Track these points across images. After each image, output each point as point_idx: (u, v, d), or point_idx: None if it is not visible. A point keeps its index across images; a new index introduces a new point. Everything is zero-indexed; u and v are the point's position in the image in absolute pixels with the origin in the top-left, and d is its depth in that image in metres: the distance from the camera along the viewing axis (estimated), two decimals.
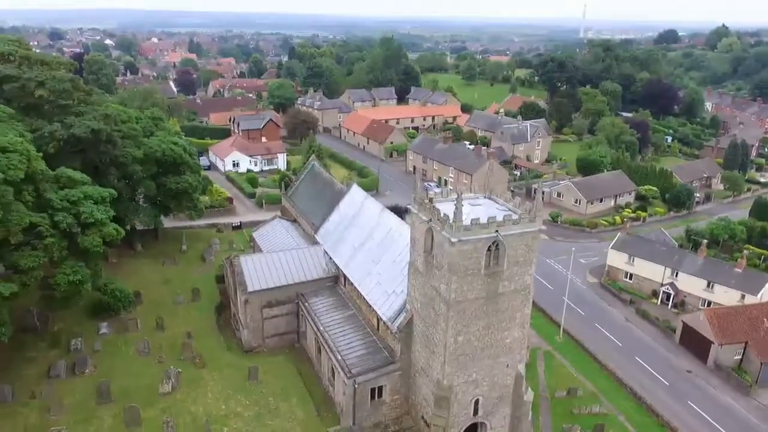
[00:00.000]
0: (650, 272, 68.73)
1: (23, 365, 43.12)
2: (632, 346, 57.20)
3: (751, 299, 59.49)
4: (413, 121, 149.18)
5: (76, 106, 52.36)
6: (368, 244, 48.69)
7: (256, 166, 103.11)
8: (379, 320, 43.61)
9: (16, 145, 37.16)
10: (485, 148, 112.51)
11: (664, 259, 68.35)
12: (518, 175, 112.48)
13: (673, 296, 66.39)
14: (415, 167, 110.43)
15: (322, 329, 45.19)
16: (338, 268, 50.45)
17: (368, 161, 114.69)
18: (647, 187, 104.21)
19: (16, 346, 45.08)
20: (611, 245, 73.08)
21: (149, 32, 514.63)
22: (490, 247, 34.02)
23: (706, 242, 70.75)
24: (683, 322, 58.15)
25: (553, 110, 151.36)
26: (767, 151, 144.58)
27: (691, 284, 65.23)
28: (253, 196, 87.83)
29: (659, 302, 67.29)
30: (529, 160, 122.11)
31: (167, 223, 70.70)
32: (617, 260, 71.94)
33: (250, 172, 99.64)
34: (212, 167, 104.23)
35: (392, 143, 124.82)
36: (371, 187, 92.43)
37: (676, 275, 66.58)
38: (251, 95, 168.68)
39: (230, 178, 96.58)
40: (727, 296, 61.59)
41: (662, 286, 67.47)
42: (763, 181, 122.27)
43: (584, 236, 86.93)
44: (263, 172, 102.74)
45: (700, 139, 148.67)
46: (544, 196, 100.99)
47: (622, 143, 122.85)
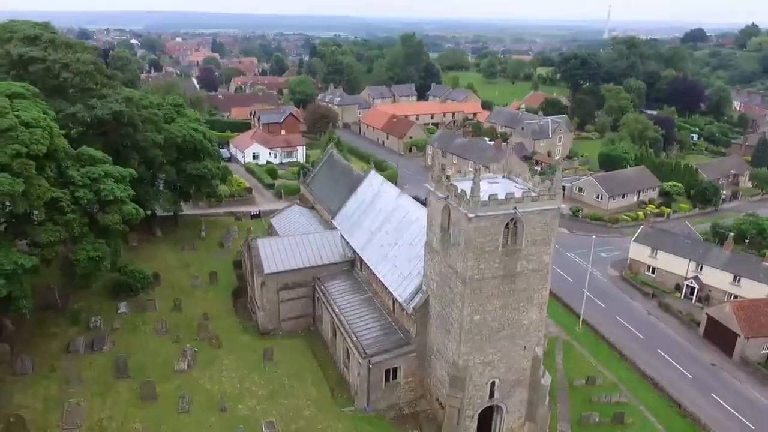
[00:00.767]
0: (674, 266, 67.11)
1: (44, 341, 43.78)
2: (654, 338, 55.85)
3: None
4: (433, 117, 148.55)
5: (98, 90, 53.11)
6: (385, 227, 48.39)
7: (275, 158, 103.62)
8: (394, 302, 43.27)
9: (39, 121, 37.74)
10: (505, 143, 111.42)
11: (688, 252, 66.69)
12: (539, 170, 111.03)
13: (697, 290, 64.74)
14: (434, 159, 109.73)
15: (337, 311, 45.01)
16: (355, 252, 50.27)
17: (387, 156, 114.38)
18: (672, 183, 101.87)
19: (37, 322, 45.83)
20: (633, 238, 71.64)
21: (173, 33, 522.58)
22: (508, 224, 33.43)
23: (732, 235, 68.82)
24: (708, 314, 56.59)
25: (575, 107, 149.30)
26: None
27: (716, 278, 63.48)
28: (272, 186, 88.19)
29: (682, 296, 65.70)
30: (550, 156, 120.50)
31: (186, 210, 71.34)
32: (639, 253, 70.45)
33: (269, 163, 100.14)
34: (232, 159, 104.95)
35: (411, 138, 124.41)
36: (390, 180, 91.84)
37: (700, 269, 64.91)
38: (272, 92, 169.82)
39: (250, 169, 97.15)
40: (754, 290, 59.70)
41: (686, 279, 65.84)
42: None
43: (605, 231, 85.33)
44: (283, 164, 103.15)
45: (727, 137, 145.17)
46: (564, 191, 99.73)
47: (646, 140, 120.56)
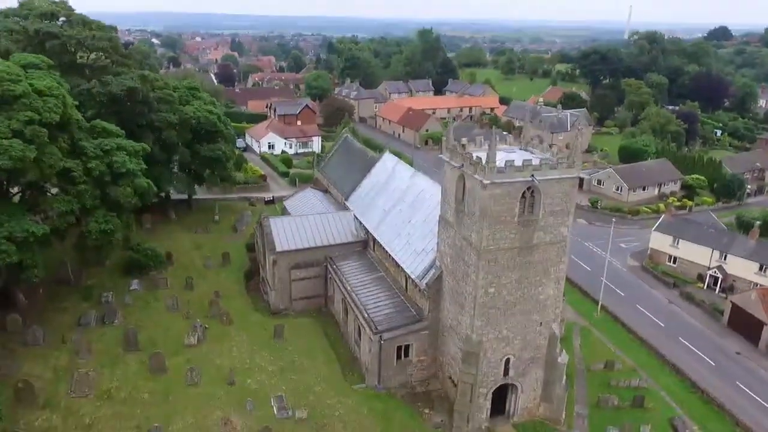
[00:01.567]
0: (696, 255, 65.11)
1: (55, 314, 43.71)
2: (675, 327, 54.11)
3: None
4: (449, 111, 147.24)
5: (114, 68, 53.17)
6: (399, 206, 47.58)
7: (291, 148, 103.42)
8: (407, 280, 42.41)
9: (53, 89, 37.67)
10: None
11: (711, 241, 64.66)
12: None
13: (720, 280, 62.70)
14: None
15: (349, 289, 44.29)
16: (368, 232, 49.55)
17: (403, 148, 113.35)
18: (694, 176, 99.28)
19: (49, 296, 45.92)
20: (654, 227, 69.77)
21: (193, 33, 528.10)
22: (524, 193, 32.40)
23: (759, 224, 66.62)
24: (732, 302, 54.70)
25: (595, 102, 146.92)
26: None
27: (741, 267, 61.35)
28: (286, 175, 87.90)
29: (705, 286, 63.68)
30: (568, 149, 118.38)
31: (200, 194, 71.44)
32: (661, 243, 68.54)
33: (284, 153, 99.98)
34: (248, 149, 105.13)
35: (428, 131, 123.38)
36: None
37: (724, 258, 62.86)
38: (289, 86, 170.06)
39: (265, 158, 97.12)
40: None
41: (709, 269, 63.80)
42: None
43: (625, 222, 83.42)
44: (298, 154, 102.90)
45: (752, 133, 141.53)
46: (582, 183, 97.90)
47: (667, 133, 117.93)
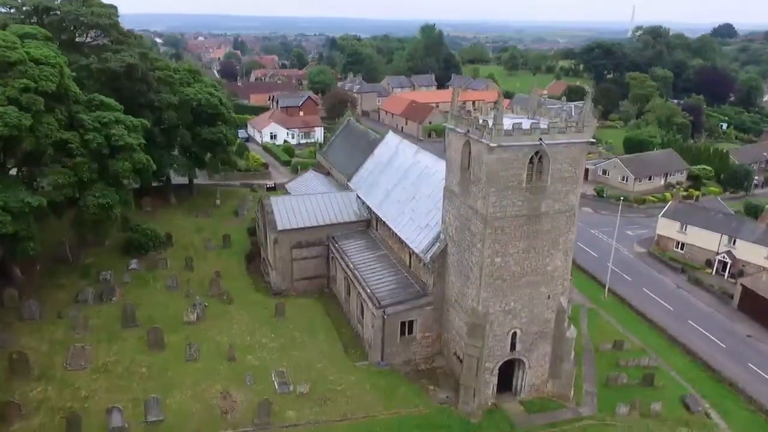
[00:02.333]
0: (705, 241, 64.03)
1: (52, 290, 42.95)
2: (685, 310, 53.05)
3: None
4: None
5: (113, 46, 52.45)
6: (402, 184, 46.70)
7: (293, 138, 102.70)
8: (411, 256, 41.49)
9: (49, 58, 36.94)
10: None
11: (720, 226, 63.61)
12: None
13: (729, 265, 61.58)
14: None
15: (352, 266, 43.37)
16: (371, 211, 48.67)
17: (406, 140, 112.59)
18: (701, 166, 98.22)
19: (47, 274, 45.17)
20: (662, 213, 68.76)
21: (196, 33, 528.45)
22: (532, 158, 31.46)
23: None
24: (743, 285, 53.63)
25: (599, 96, 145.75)
26: None
27: (750, 252, 60.18)
28: (288, 163, 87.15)
29: (714, 272, 62.53)
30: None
31: (201, 180, 70.74)
32: (668, 229, 67.48)
33: (287, 143, 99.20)
34: (250, 140, 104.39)
35: (431, 123, 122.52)
36: None
37: (733, 243, 61.76)
38: (292, 81, 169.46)
39: (267, 148, 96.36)
40: None
41: (717, 254, 62.70)
42: None
43: (631, 211, 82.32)
44: (300, 145, 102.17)
45: (758, 126, 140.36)
46: (587, 173, 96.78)
47: (673, 125, 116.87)
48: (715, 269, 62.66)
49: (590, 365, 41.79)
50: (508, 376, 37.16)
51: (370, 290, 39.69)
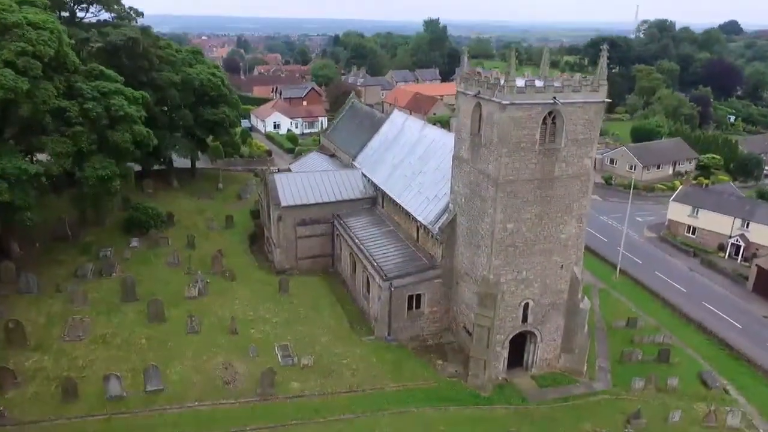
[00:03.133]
0: (717, 224, 62.64)
1: (51, 266, 41.87)
2: (698, 291, 51.70)
3: None
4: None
5: (113, 21, 51.57)
6: (409, 159, 45.61)
7: (297, 128, 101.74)
8: (419, 229, 40.37)
9: (47, 23, 35.98)
10: None
11: (733, 209, 62.24)
12: None
13: (743, 249, 60.20)
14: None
15: (357, 242, 42.27)
16: (376, 189, 47.58)
17: None
18: (710, 155, 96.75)
19: (46, 251, 44.17)
20: (673, 197, 67.47)
21: (199, 33, 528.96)
22: (545, 118, 30.33)
23: None
24: (758, 266, 52.30)
25: None
26: None
27: (765, 235, 58.65)
28: (292, 151, 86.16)
29: (726, 256, 61.12)
30: None
31: (204, 165, 69.87)
32: (679, 213, 66.13)
33: (290, 132, 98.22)
34: (253, 129, 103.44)
35: (435, 114, 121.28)
36: None
37: (747, 226, 60.38)
38: (296, 75, 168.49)
39: (270, 137, 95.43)
40: None
41: (730, 238, 61.33)
42: None
43: (640, 198, 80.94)
44: (304, 135, 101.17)
45: (767, 118, 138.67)
46: (595, 163, 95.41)
47: (681, 116, 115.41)
48: (727, 253, 61.25)
49: (603, 342, 40.56)
50: (519, 351, 36.02)
51: (376, 264, 38.56)
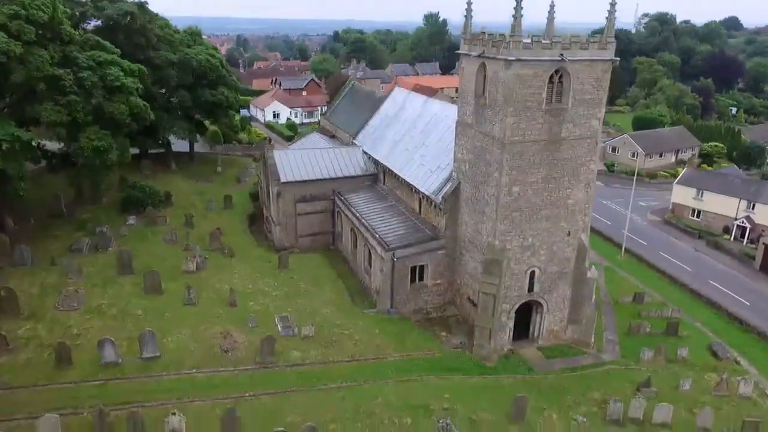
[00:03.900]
0: (722, 206, 61.88)
1: (46, 240, 40.98)
2: (705, 271, 50.93)
3: None
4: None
5: None
6: (411, 133, 44.83)
7: (296, 117, 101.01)
8: (421, 201, 39.53)
9: None
10: None
11: (739, 191, 61.51)
12: None
13: (749, 231, 59.39)
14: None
15: (359, 216, 41.42)
16: (377, 165, 46.77)
17: None
18: (713, 143, 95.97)
19: (41, 227, 43.28)
20: (676, 181, 66.76)
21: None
22: (552, 77, 29.51)
23: None
24: (765, 245, 51.50)
25: None
26: None
27: None
28: (291, 138, 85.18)
29: (732, 238, 60.33)
30: None
31: (203, 149, 69.09)
32: (683, 196, 65.40)
33: (289, 120, 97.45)
34: (252, 120, 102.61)
35: None
36: None
37: (752, 207, 59.63)
38: (295, 69, 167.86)
39: (270, 126, 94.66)
40: None
41: (736, 220, 60.54)
42: None
43: (643, 184, 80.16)
44: (303, 124, 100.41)
45: None
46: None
47: (683, 106, 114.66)
48: (733, 235, 60.45)
49: (610, 316, 39.74)
50: (524, 323, 35.17)
51: (378, 235, 37.72)
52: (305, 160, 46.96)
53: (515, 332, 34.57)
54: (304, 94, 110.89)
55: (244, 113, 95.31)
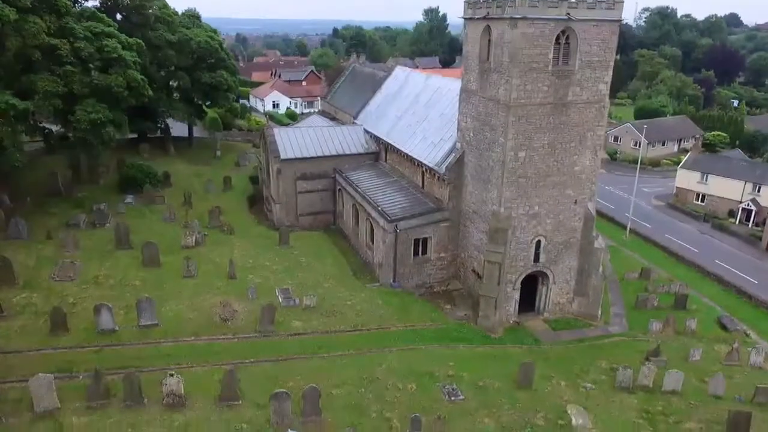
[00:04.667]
0: (727, 190, 61.29)
1: (42, 216, 40.15)
2: (711, 251, 50.33)
3: None
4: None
5: None
6: (413, 108, 44.15)
7: (296, 107, 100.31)
8: (424, 174, 38.88)
9: None
10: None
11: (744, 173, 60.91)
12: None
13: (754, 214, 58.75)
14: None
15: (361, 191, 40.72)
16: (379, 143, 46.10)
17: None
18: (715, 133, 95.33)
19: (38, 204, 42.49)
20: (681, 165, 66.16)
21: None
22: (559, 37, 28.84)
23: None
24: None
25: None
26: None
27: None
28: None
29: (737, 222, 59.70)
30: None
31: (201, 135, 68.40)
32: (688, 180, 64.83)
33: (289, 110, 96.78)
34: (252, 110, 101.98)
35: None
36: None
37: (758, 190, 58.99)
38: (294, 63, 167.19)
39: (269, 115, 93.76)
40: None
41: (741, 203, 59.90)
42: None
43: (646, 172, 79.57)
44: (303, 114, 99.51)
45: None
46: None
47: (685, 96, 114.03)
48: (738, 219, 59.82)
49: (616, 292, 39.10)
50: (530, 296, 34.51)
51: (381, 208, 37.05)
52: (306, 137, 46.30)
53: (520, 306, 33.93)
54: (303, 84, 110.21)
55: (243, 104, 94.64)
